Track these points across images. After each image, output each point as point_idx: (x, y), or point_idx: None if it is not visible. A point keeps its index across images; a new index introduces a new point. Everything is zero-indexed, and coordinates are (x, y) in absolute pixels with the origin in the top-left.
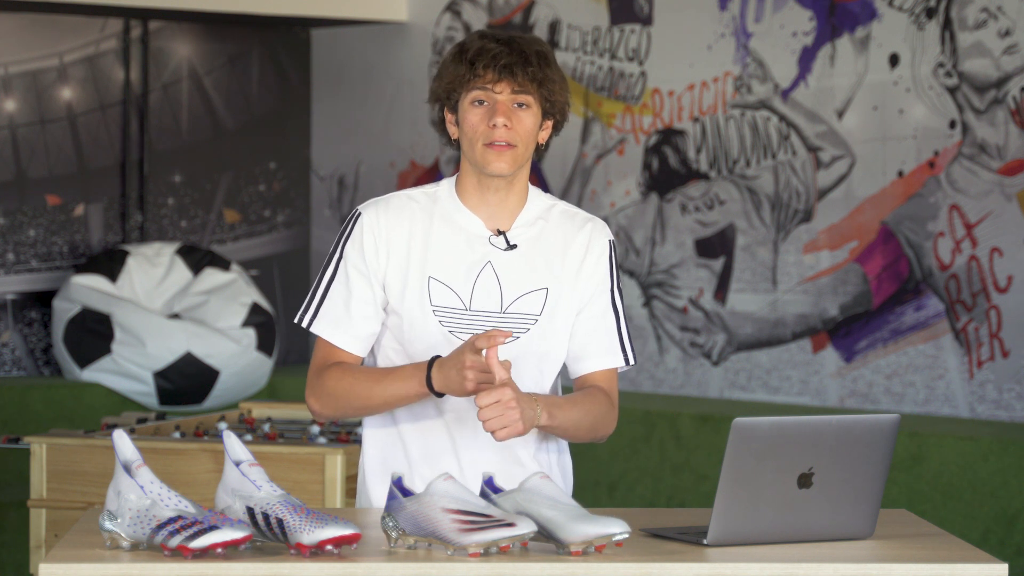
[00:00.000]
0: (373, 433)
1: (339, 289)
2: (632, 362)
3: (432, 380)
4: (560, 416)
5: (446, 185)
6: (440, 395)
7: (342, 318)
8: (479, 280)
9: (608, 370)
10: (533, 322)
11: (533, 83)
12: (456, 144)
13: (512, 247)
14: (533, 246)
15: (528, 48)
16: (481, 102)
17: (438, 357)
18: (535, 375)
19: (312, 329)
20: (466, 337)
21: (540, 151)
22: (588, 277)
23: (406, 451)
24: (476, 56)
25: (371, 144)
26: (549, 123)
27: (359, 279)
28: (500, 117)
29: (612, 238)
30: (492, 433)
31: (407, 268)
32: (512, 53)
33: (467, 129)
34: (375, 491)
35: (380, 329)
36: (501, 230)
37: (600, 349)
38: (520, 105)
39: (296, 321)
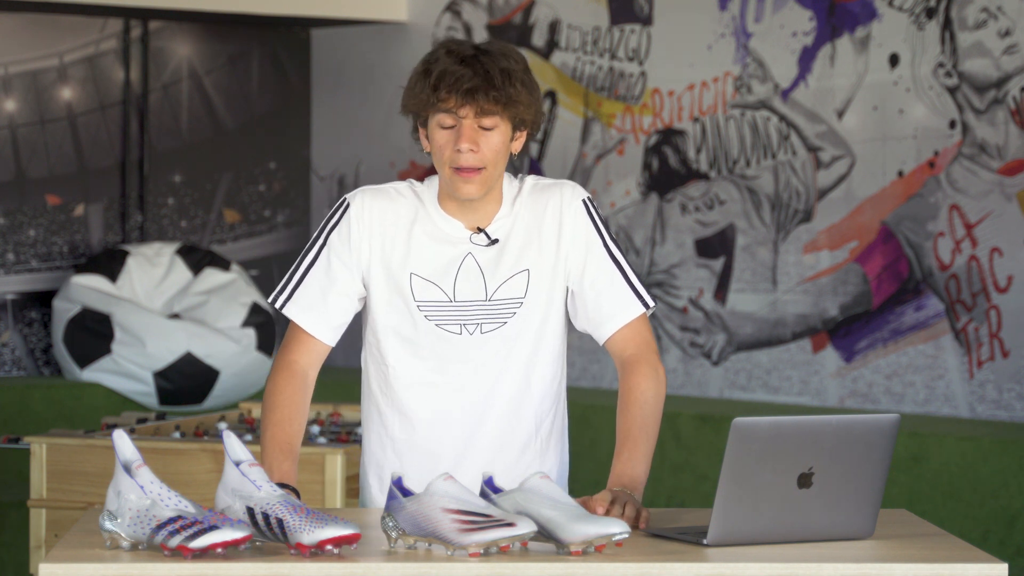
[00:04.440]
0: (368, 431)
1: (318, 275)
2: (651, 304)
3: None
4: (645, 463)
5: (430, 189)
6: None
7: (316, 304)
8: (460, 272)
9: (633, 324)
10: (519, 305)
11: (498, 105)
12: (431, 155)
13: (494, 242)
14: (510, 234)
15: (493, 67)
16: (447, 125)
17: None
18: (528, 355)
19: (284, 311)
20: (454, 329)
21: (517, 156)
22: (571, 240)
23: (396, 450)
24: (439, 80)
25: (371, 144)
26: (523, 132)
27: (341, 269)
28: (465, 143)
29: (586, 196)
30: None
31: (390, 264)
32: (476, 76)
33: (435, 150)
34: (371, 490)
35: (350, 319)
36: (481, 228)
37: (615, 306)
38: (486, 127)
39: (270, 301)
